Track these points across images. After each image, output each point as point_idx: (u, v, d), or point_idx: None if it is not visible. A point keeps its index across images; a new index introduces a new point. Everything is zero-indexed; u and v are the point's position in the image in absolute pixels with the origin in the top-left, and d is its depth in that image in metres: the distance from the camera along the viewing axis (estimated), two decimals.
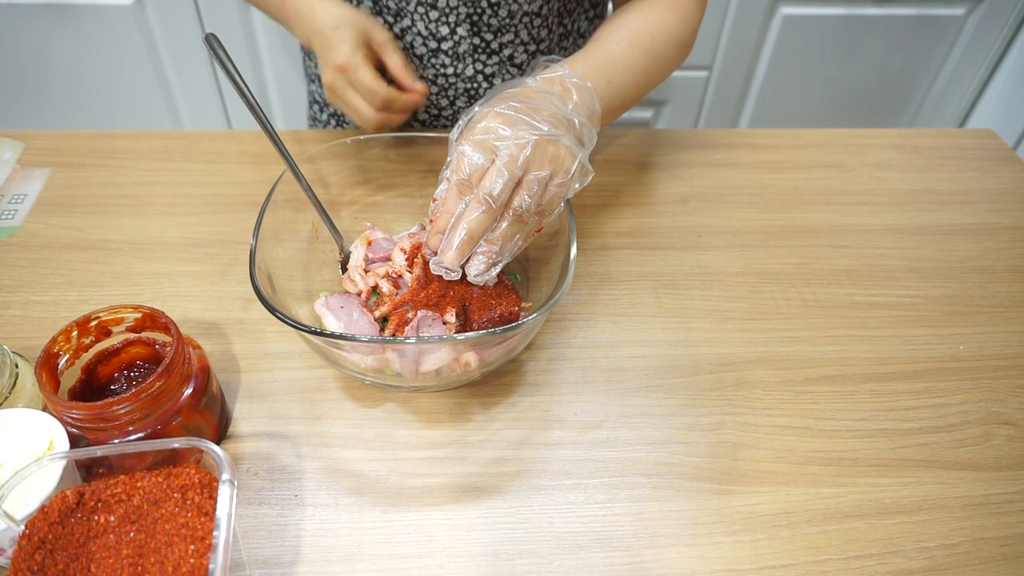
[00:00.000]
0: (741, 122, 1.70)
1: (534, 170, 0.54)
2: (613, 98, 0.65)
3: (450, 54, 0.79)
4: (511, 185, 0.53)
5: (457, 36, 0.77)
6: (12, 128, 0.85)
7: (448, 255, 0.54)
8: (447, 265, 0.54)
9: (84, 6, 1.41)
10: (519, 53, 0.81)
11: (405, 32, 0.78)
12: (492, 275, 0.56)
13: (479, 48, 0.79)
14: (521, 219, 0.55)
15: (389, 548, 0.52)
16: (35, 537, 0.44)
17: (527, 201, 0.54)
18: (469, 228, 0.53)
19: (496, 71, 0.82)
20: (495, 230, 0.54)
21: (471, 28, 0.77)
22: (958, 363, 0.65)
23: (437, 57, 0.79)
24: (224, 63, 0.59)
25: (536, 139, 0.54)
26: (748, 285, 0.71)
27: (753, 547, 0.52)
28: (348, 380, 0.62)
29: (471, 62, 0.80)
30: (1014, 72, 1.61)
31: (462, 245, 0.53)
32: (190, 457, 0.48)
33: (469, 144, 0.54)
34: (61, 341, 0.52)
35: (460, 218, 0.54)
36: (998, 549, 0.53)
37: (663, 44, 0.70)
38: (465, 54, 0.79)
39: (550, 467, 0.57)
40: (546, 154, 0.54)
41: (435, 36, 0.77)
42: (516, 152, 0.53)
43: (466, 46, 0.78)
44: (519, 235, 0.56)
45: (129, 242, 0.73)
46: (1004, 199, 0.83)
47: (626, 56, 0.67)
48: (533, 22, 0.79)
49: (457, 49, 0.79)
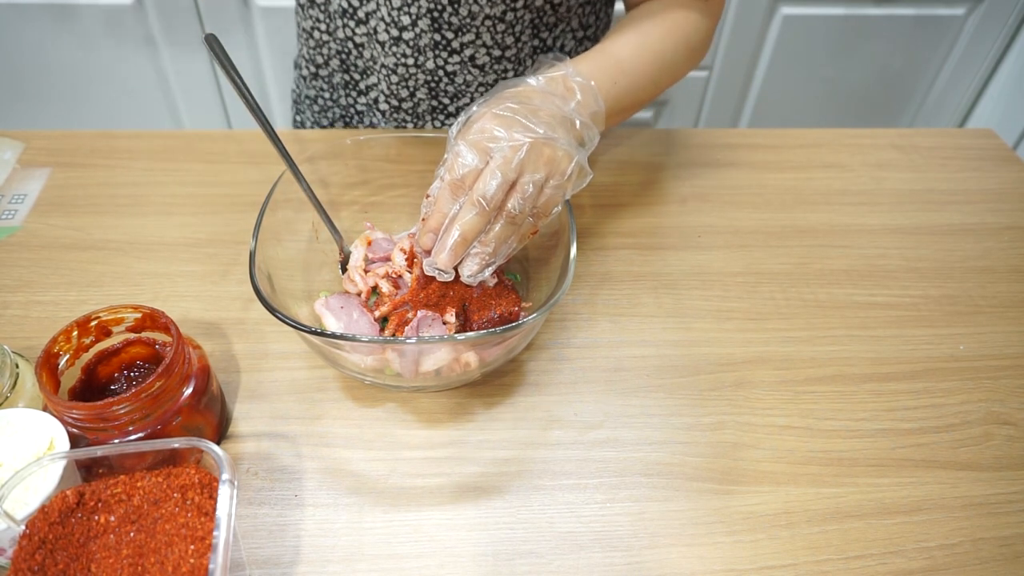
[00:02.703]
0: (741, 122, 1.70)
1: (528, 173, 0.54)
2: (619, 99, 0.65)
3: (411, 45, 0.78)
4: (505, 188, 0.53)
5: (418, 29, 0.76)
6: (12, 128, 0.85)
7: (441, 257, 0.54)
8: (440, 267, 0.54)
9: (84, 6, 1.41)
10: (480, 55, 0.79)
11: (370, 16, 0.77)
12: (486, 276, 0.56)
13: (440, 44, 0.78)
14: (515, 221, 0.55)
15: (389, 548, 0.52)
16: (35, 537, 0.44)
17: (520, 204, 0.54)
18: (463, 230, 0.53)
19: (457, 70, 0.80)
20: (488, 232, 0.54)
21: (432, 24, 0.76)
22: (958, 363, 0.65)
23: (398, 46, 0.78)
24: (224, 63, 0.59)
25: (531, 141, 0.54)
26: (748, 285, 0.71)
27: (753, 547, 0.52)
28: (348, 380, 0.62)
29: (432, 56, 0.79)
30: (1014, 72, 1.61)
31: (455, 247, 0.53)
32: (190, 457, 0.48)
33: (464, 144, 0.54)
34: (61, 341, 0.52)
35: (454, 220, 0.54)
36: (998, 549, 0.53)
37: (673, 49, 0.69)
38: (426, 48, 0.78)
39: (550, 467, 0.57)
40: (541, 156, 0.54)
41: (397, 24, 0.76)
42: (510, 155, 0.53)
43: (427, 40, 0.77)
44: (513, 237, 0.56)
45: (129, 242, 0.73)
46: (1004, 199, 0.83)
47: (634, 59, 0.66)
48: (496, 27, 0.77)
49: (418, 42, 0.77)
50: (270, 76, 1.55)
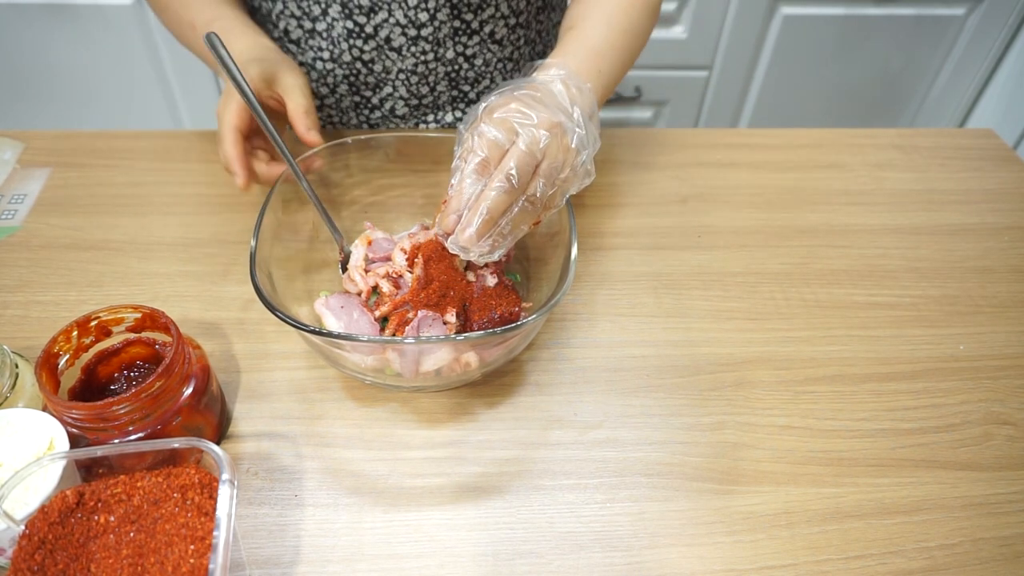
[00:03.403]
0: (741, 122, 1.70)
1: (550, 158, 0.54)
2: (606, 87, 0.66)
3: (430, 40, 0.78)
4: (533, 166, 0.53)
5: (437, 21, 0.76)
6: (12, 128, 0.85)
7: (468, 232, 0.52)
8: (463, 244, 0.53)
9: (84, 6, 1.41)
10: (499, 28, 0.80)
11: (380, 27, 0.77)
12: (493, 257, 0.55)
13: (459, 30, 0.78)
14: (531, 207, 0.54)
15: (389, 548, 0.52)
16: (35, 537, 0.44)
17: (543, 188, 0.53)
18: (490, 208, 0.52)
19: (477, 51, 0.81)
20: (507, 213, 0.53)
21: (451, 11, 0.76)
22: (958, 363, 0.65)
23: (417, 44, 0.78)
24: (225, 63, 0.59)
25: (555, 123, 0.54)
26: (748, 285, 0.71)
27: (753, 547, 0.52)
28: (348, 380, 0.62)
29: (452, 45, 0.79)
30: (1014, 72, 1.61)
31: (482, 225, 0.52)
32: (190, 457, 0.48)
33: (489, 124, 0.54)
34: (61, 341, 0.52)
35: (480, 198, 0.53)
36: (998, 549, 0.53)
37: (639, 17, 0.69)
38: (446, 38, 0.78)
39: (550, 467, 0.57)
40: (562, 144, 0.54)
41: (415, 23, 0.76)
42: (538, 135, 0.53)
43: (447, 30, 0.77)
44: (525, 223, 0.55)
45: (129, 242, 0.73)
46: (1004, 199, 0.83)
47: (607, 40, 0.66)
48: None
49: (437, 35, 0.77)
50: None
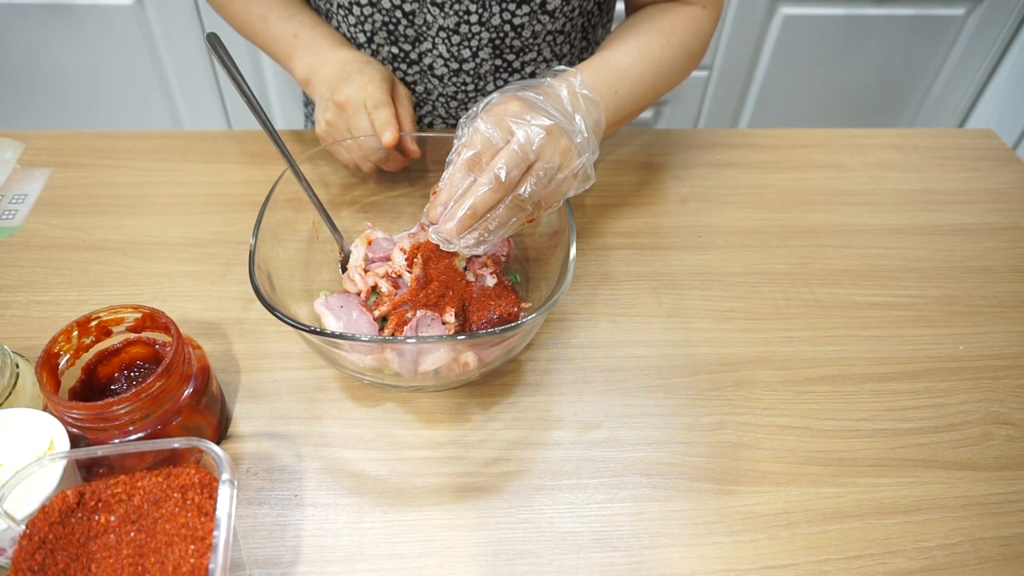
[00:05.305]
0: (741, 122, 1.70)
1: (544, 159, 0.54)
2: (619, 108, 0.65)
3: (472, 74, 0.78)
4: (523, 167, 0.53)
5: (479, 59, 0.77)
6: (12, 128, 0.86)
7: (449, 225, 0.53)
8: (445, 235, 0.54)
9: (84, 6, 1.41)
10: (541, 69, 0.80)
11: (424, 55, 0.77)
12: (479, 252, 0.56)
13: (500, 68, 0.78)
14: (522, 205, 0.55)
15: (389, 548, 0.52)
16: (35, 537, 0.44)
17: (532, 188, 0.54)
18: (474, 203, 0.53)
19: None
20: (495, 209, 0.54)
21: (493, 52, 0.76)
22: (958, 363, 0.65)
23: (458, 76, 0.79)
24: (225, 63, 0.59)
25: (553, 125, 0.54)
26: (748, 285, 0.71)
27: (753, 547, 0.52)
28: (348, 380, 0.62)
29: (492, 80, 0.79)
30: (1014, 72, 1.61)
31: (464, 219, 0.53)
32: (190, 457, 0.48)
33: (485, 121, 0.54)
34: (61, 341, 0.52)
35: (467, 192, 0.53)
36: (998, 549, 0.53)
37: (672, 56, 0.69)
38: (487, 74, 0.78)
39: (550, 467, 0.57)
40: (559, 145, 0.54)
41: (457, 58, 0.77)
42: (532, 136, 0.53)
43: (488, 67, 0.78)
44: (515, 220, 0.56)
45: (129, 242, 0.73)
46: (1004, 199, 0.83)
47: (634, 67, 0.67)
48: (556, 39, 0.78)
49: (479, 70, 0.78)
50: (270, 75, 1.55)
